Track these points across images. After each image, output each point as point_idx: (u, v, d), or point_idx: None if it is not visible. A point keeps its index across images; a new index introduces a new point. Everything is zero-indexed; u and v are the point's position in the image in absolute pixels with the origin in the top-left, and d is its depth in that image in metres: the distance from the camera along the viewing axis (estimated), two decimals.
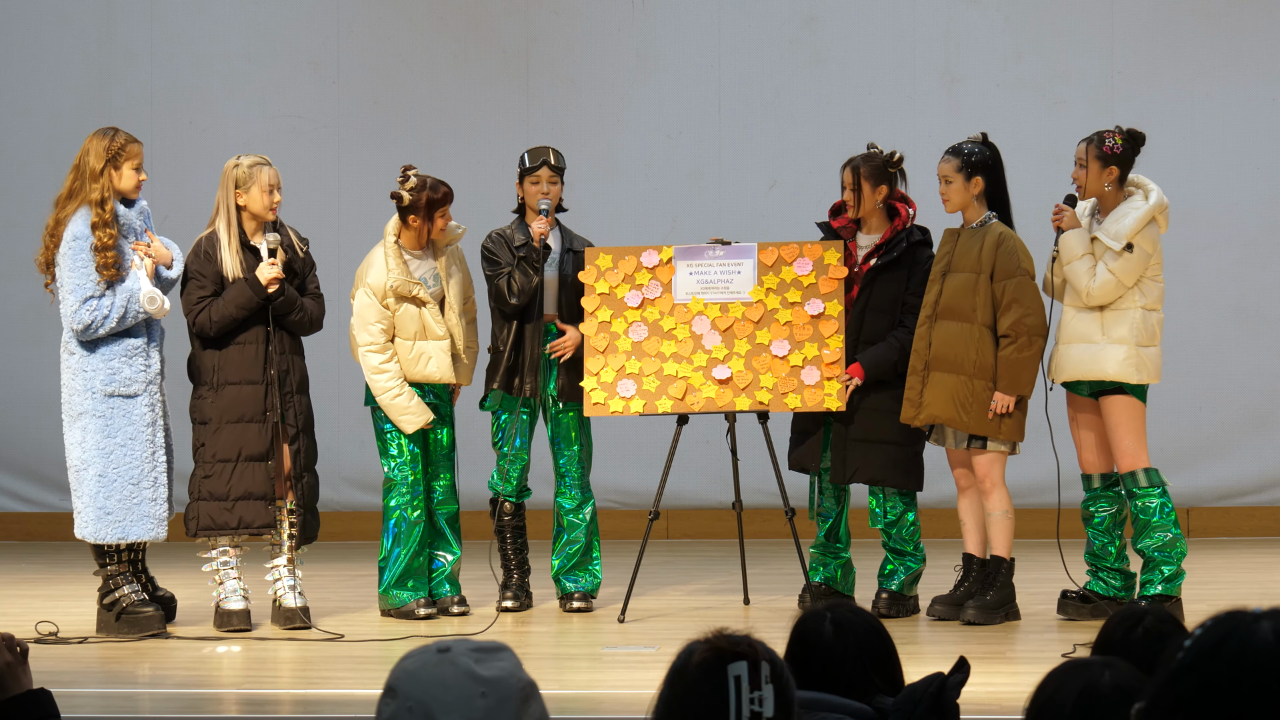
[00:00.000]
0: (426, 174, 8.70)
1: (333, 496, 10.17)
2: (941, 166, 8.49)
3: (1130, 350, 8.13)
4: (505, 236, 8.80)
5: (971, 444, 8.40)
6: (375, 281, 8.59)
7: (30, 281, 11.42)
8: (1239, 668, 2.33)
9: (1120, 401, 8.21)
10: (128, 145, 8.28)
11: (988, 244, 8.33)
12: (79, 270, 8.16)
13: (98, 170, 8.21)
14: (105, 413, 8.21)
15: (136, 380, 8.25)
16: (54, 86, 11.94)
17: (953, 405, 8.32)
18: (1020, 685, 6.32)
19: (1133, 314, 8.16)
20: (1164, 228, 8.25)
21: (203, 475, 8.35)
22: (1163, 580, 8.18)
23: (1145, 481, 8.23)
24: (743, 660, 2.85)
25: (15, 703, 3.67)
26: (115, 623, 8.23)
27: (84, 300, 8.14)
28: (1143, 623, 3.82)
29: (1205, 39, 11.45)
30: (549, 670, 7.42)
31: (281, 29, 11.92)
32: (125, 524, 8.21)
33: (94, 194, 8.18)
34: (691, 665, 2.88)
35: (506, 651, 2.84)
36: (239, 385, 8.34)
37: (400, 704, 2.78)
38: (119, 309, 8.16)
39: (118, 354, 8.24)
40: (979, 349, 8.30)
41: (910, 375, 8.44)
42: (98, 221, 8.15)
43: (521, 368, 8.74)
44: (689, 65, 11.71)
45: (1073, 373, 8.24)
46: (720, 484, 10.68)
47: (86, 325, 8.14)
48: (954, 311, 8.35)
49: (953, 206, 8.48)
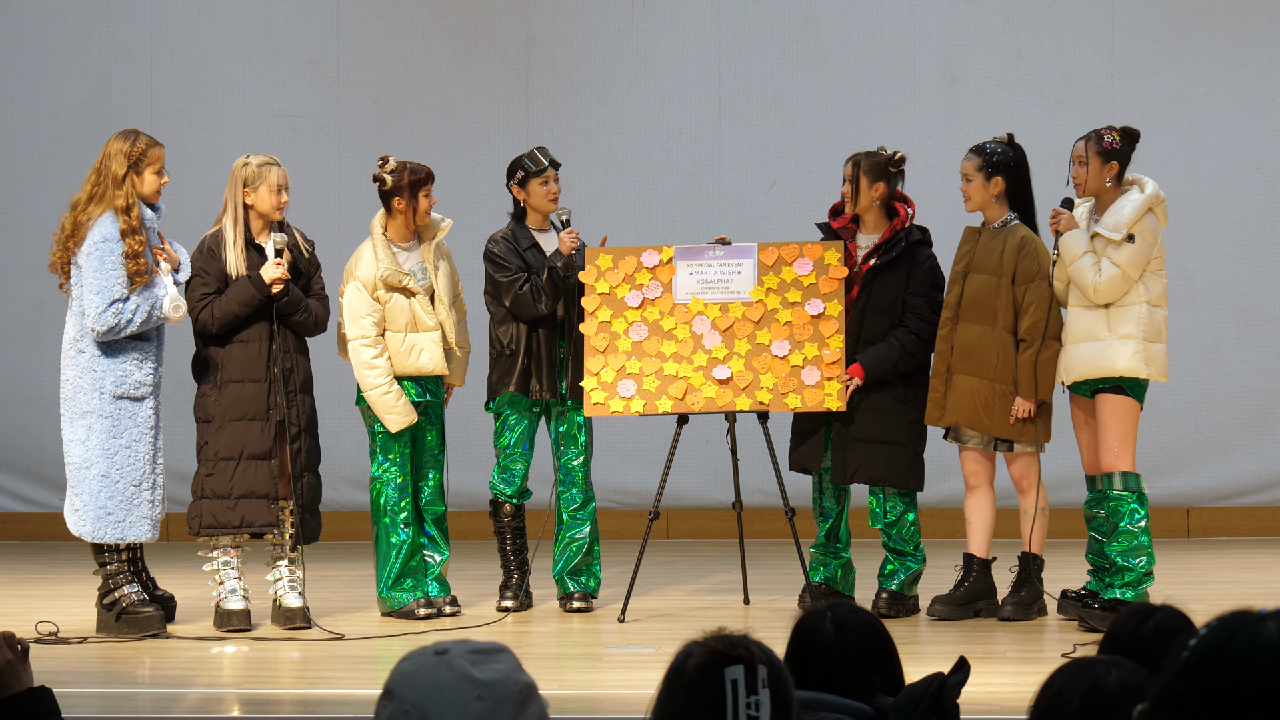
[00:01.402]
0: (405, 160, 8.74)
1: (333, 496, 10.16)
2: (963, 164, 8.48)
3: (1139, 345, 8.08)
4: (511, 241, 8.78)
5: (998, 446, 8.40)
6: (365, 274, 8.60)
7: (30, 281, 11.44)
8: (1243, 668, 2.33)
9: (1114, 401, 8.17)
10: (149, 150, 8.32)
11: (1010, 247, 8.32)
12: (106, 273, 8.18)
13: (120, 176, 8.25)
14: (113, 414, 8.24)
15: (145, 384, 8.31)
16: (54, 86, 11.94)
17: (976, 408, 8.32)
18: (1020, 685, 6.32)
19: (1138, 309, 8.12)
20: (1164, 223, 8.22)
21: (205, 474, 8.36)
22: (1123, 585, 8.08)
23: (1121, 485, 8.14)
24: (739, 664, 2.84)
25: (16, 701, 3.67)
26: (115, 623, 8.23)
27: (110, 303, 8.16)
28: (1153, 618, 3.81)
29: (1205, 39, 11.45)
30: (549, 670, 7.42)
31: (281, 29, 11.92)
32: (124, 525, 8.23)
33: (119, 200, 8.22)
34: (688, 668, 2.87)
35: (505, 653, 2.83)
36: (242, 383, 8.35)
37: (397, 707, 2.77)
38: (143, 313, 8.21)
39: (130, 357, 8.29)
40: (1000, 352, 8.30)
41: (933, 377, 8.45)
42: (126, 228, 8.19)
43: (539, 370, 8.72)
44: (689, 65, 11.71)
45: (1081, 372, 8.18)
46: (720, 484, 10.68)
47: (111, 327, 8.17)
48: (976, 313, 8.35)
49: (972, 205, 8.48)
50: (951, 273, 8.51)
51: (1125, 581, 8.07)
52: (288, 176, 8.48)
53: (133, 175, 8.26)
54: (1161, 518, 10.60)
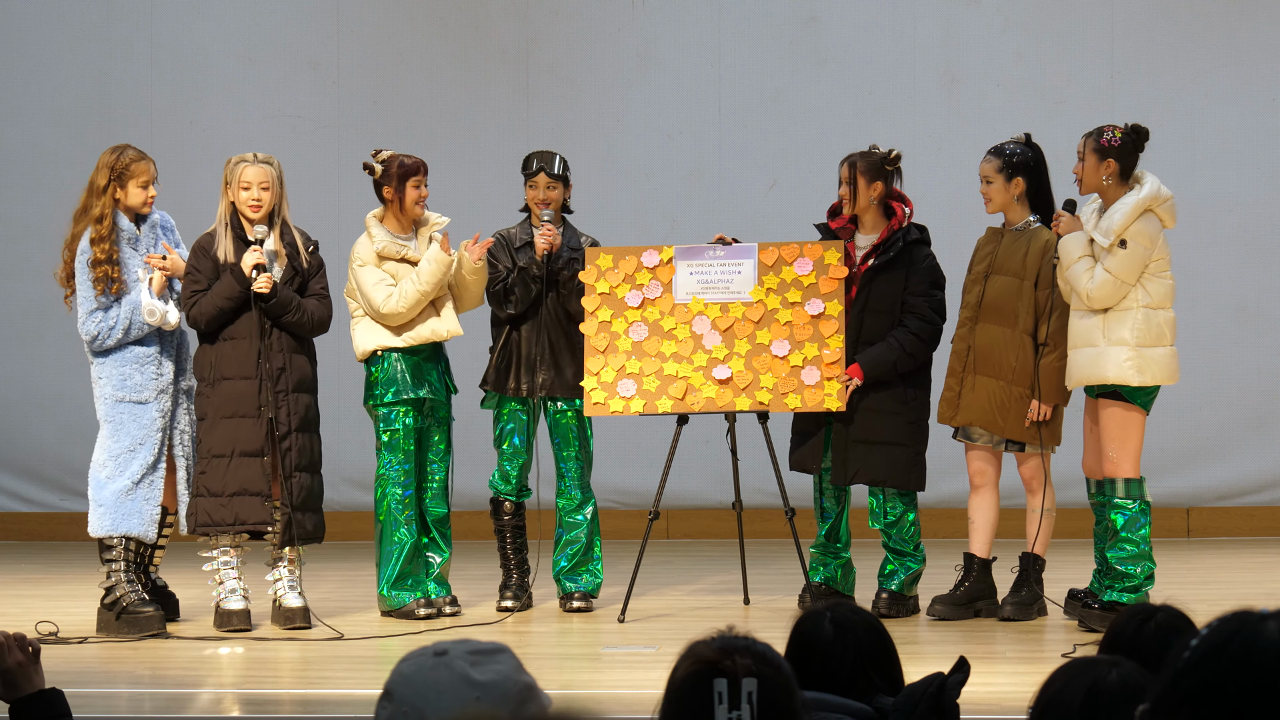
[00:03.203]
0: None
1: (333, 496, 10.15)
2: (983, 166, 8.45)
3: (1131, 352, 8.02)
4: (508, 238, 8.84)
5: (1009, 447, 8.39)
6: (364, 252, 8.68)
7: (30, 281, 11.44)
8: (1244, 668, 2.33)
9: (1113, 408, 8.10)
10: (133, 164, 8.42)
11: (1033, 250, 8.30)
12: (84, 284, 8.39)
13: (101, 187, 8.40)
14: (116, 418, 8.39)
15: (147, 387, 8.39)
16: (54, 86, 11.94)
17: (991, 409, 8.32)
18: (1020, 685, 6.32)
19: (1134, 314, 8.05)
20: (1169, 223, 8.13)
21: (200, 471, 8.38)
22: (1123, 590, 8.07)
23: (1124, 492, 8.11)
24: (723, 678, 2.85)
25: (27, 702, 3.68)
26: (115, 622, 8.25)
27: (89, 313, 8.37)
28: (1154, 619, 3.81)
29: (1205, 39, 11.44)
30: (549, 670, 7.41)
31: (281, 29, 11.92)
32: (118, 518, 8.33)
33: (94, 210, 8.38)
34: (679, 674, 2.89)
35: (505, 653, 2.83)
36: (233, 380, 8.37)
37: (396, 708, 2.78)
38: (124, 320, 8.36)
39: (129, 361, 8.41)
40: (1019, 355, 8.29)
41: (949, 376, 8.44)
42: (95, 237, 8.35)
43: (517, 367, 8.77)
44: (689, 65, 11.71)
45: (1079, 377, 8.15)
46: (720, 484, 10.68)
47: (93, 337, 8.39)
48: (997, 315, 8.34)
49: (994, 207, 8.46)
50: (973, 273, 8.49)
51: (1125, 587, 8.06)
52: (270, 174, 8.43)
53: (115, 187, 8.40)
54: (1161, 518, 10.59)
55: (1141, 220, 8.06)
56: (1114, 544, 8.09)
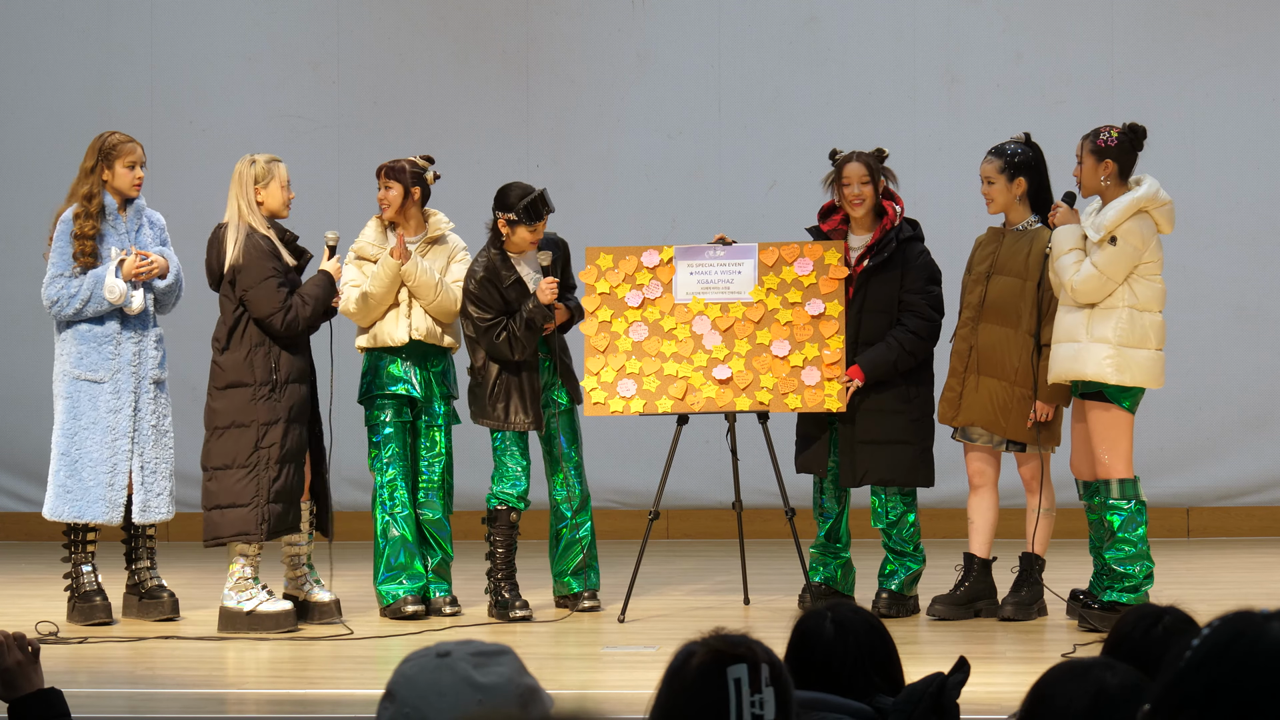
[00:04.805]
0: (405, 160, 8.80)
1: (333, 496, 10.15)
2: (984, 167, 8.44)
3: (1111, 350, 7.94)
4: (492, 276, 8.58)
5: (1009, 447, 8.38)
6: (354, 249, 8.78)
7: (30, 282, 11.41)
8: (1247, 668, 2.33)
9: (1097, 410, 8.07)
10: (120, 145, 8.48)
11: (1035, 250, 8.29)
12: (57, 251, 8.43)
13: (89, 168, 8.47)
14: (73, 394, 8.43)
15: (102, 367, 8.42)
16: (54, 86, 11.94)
17: (992, 410, 8.31)
18: (1020, 685, 6.30)
19: (1119, 313, 7.97)
20: (1165, 228, 8.07)
21: (272, 477, 8.37)
22: (1122, 590, 8.06)
23: (1118, 493, 8.09)
24: (742, 663, 2.83)
25: (26, 702, 3.68)
26: (71, 610, 8.37)
27: (53, 278, 8.41)
28: (1161, 622, 3.79)
29: (1205, 39, 11.44)
30: (549, 670, 7.40)
31: (281, 29, 11.91)
32: (81, 504, 8.38)
33: (82, 188, 8.43)
34: (690, 668, 2.86)
35: (508, 655, 2.83)
36: (297, 384, 8.52)
37: (398, 709, 2.77)
38: (85, 292, 8.37)
39: (87, 339, 8.44)
40: (1021, 355, 8.28)
41: (951, 376, 8.44)
42: (80, 212, 8.40)
43: (521, 399, 8.60)
44: (689, 65, 11.70)
45: (1058, 372, 8.09)
46: (720, 484, 10.67)
47: (53, 301, 8.42)
48: (999, 315, 8.33)
49: (996, 208, 8.45)
50: (974, 273, 8.48)
51: (1125, 587, 8.06)
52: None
53: (103, 167, 8.45)
54: (1161, 518, 10.60)
55: (1135, 219, 8.01)
56: (1111, 544, 8.08)
